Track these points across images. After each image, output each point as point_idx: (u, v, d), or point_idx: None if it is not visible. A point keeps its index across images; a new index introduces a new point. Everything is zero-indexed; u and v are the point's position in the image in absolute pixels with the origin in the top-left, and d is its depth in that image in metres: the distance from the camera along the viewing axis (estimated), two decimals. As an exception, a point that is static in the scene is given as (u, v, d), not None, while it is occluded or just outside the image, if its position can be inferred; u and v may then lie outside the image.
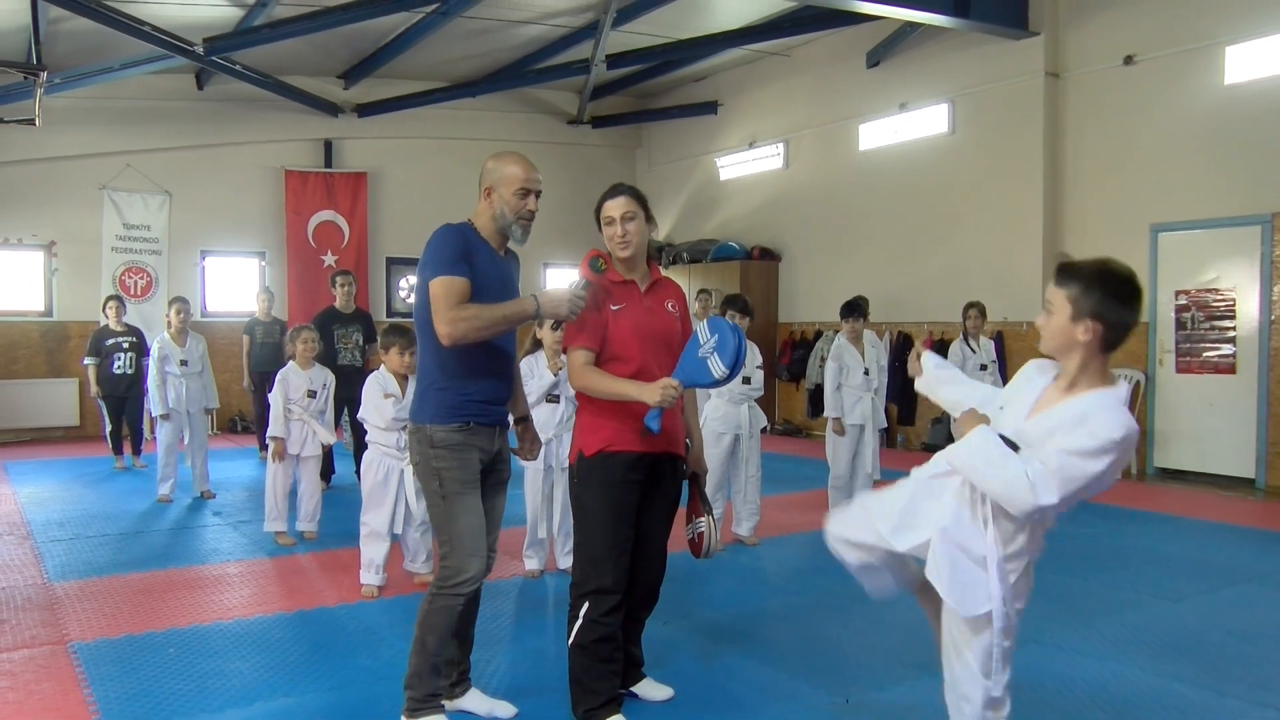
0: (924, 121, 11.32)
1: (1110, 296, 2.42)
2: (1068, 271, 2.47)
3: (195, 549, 6.37)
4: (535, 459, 3.89)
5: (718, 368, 3.20)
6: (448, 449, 3.34)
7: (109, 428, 9.71)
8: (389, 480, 5.31)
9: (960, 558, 2.57)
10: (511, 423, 3.64)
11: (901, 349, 11.36)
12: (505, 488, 3.62)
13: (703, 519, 3.56)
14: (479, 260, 3.31)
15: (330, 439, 6.88)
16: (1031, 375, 2.60)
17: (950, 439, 8.92)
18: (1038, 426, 2.44)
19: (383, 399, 5.28)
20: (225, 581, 5.54)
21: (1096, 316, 2.41)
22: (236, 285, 13.21)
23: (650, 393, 3.21)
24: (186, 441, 8.19)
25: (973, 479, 2.50)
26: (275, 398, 6.42)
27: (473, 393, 3.37)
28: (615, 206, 3.46)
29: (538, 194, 3.44)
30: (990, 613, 2.55)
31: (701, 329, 3.32)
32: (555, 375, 5.41)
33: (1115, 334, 2.43)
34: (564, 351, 3.49)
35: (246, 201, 13.12)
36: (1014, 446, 2.45)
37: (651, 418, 3.25)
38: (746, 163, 13.82)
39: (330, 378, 6.72)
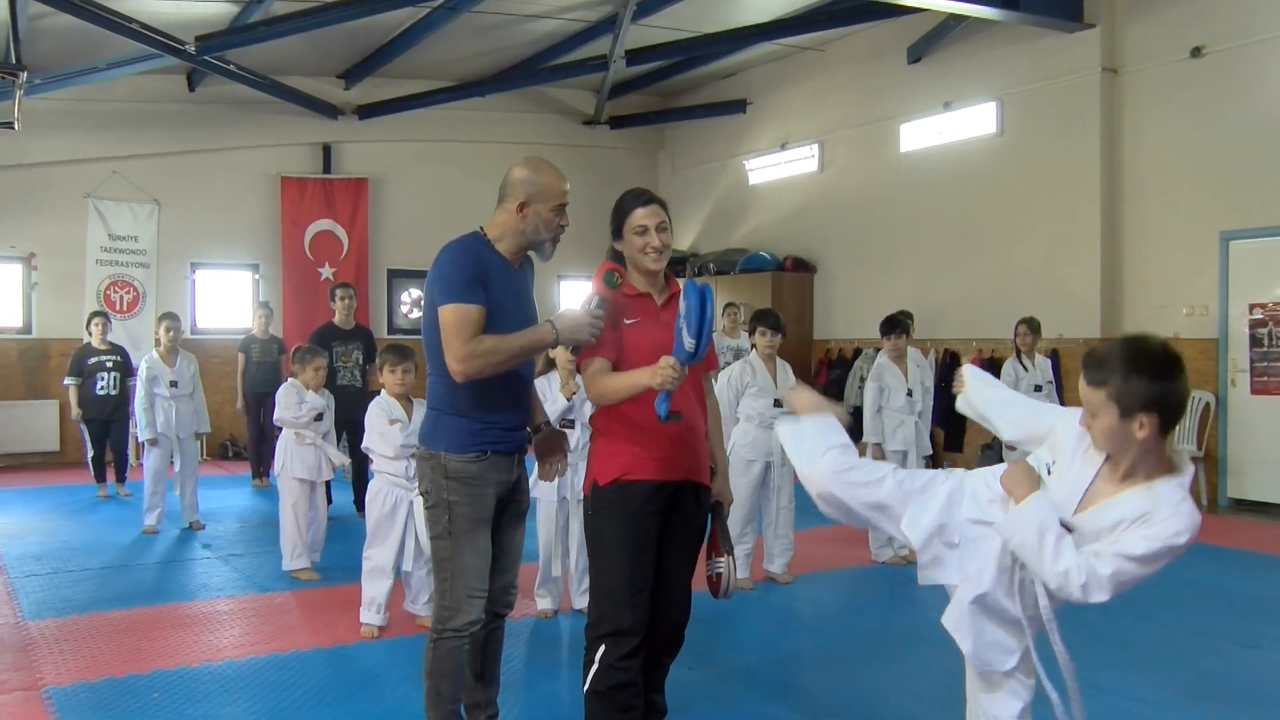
0: (970, 122, 11.31)
1: (1155, 379, 2.32)
2: (1095, 366, 2.38)
3: (183, 584, 6.41)
4: (560, 475, 3.86)
5: (686, 340, 3.16)
6: (462, 481, 3.35)
7: (91, 453, 9.79)
8: (397, 512, 5.32)
9: (986, 622, 2.60)
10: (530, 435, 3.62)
11: (948, 368, 11.29)
12: (524, 519, 3.63)
13: (722, 559, 3.54)
14: (494, 280, 3.31)
15: (343, 460, 6.93)
16: (1080, 451, 2.50)
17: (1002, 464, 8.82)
18: (1089, 523, 2.41)
19: (388, 425, 5.30)
20: (215, 620, 5.57)
21: (1148, 407, 2.32)
22: (229, 300, 13.35)
23: (651, 375, 3.21)
24: (175, 468, 8.24)
25: (1019, 556, 2.48)
26: (289, 405, 6.46)
27: (491, 420, 3.38)
28: (649, 215, 3.45)
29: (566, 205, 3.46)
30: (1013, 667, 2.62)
31: (681, 298, 3.29)
32: (569, 399, 5.42)
33: (1173, 416, 2.35)
34: (578, 371, 3.49)
35: (240, 211, 13.26)
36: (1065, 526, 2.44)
37: (659, 402, 3.25)
38: (778, 166, 13.83)
39: (330, 402, 6.76)
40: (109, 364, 9.49)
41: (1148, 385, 2.31)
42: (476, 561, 3.36)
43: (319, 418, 6.57)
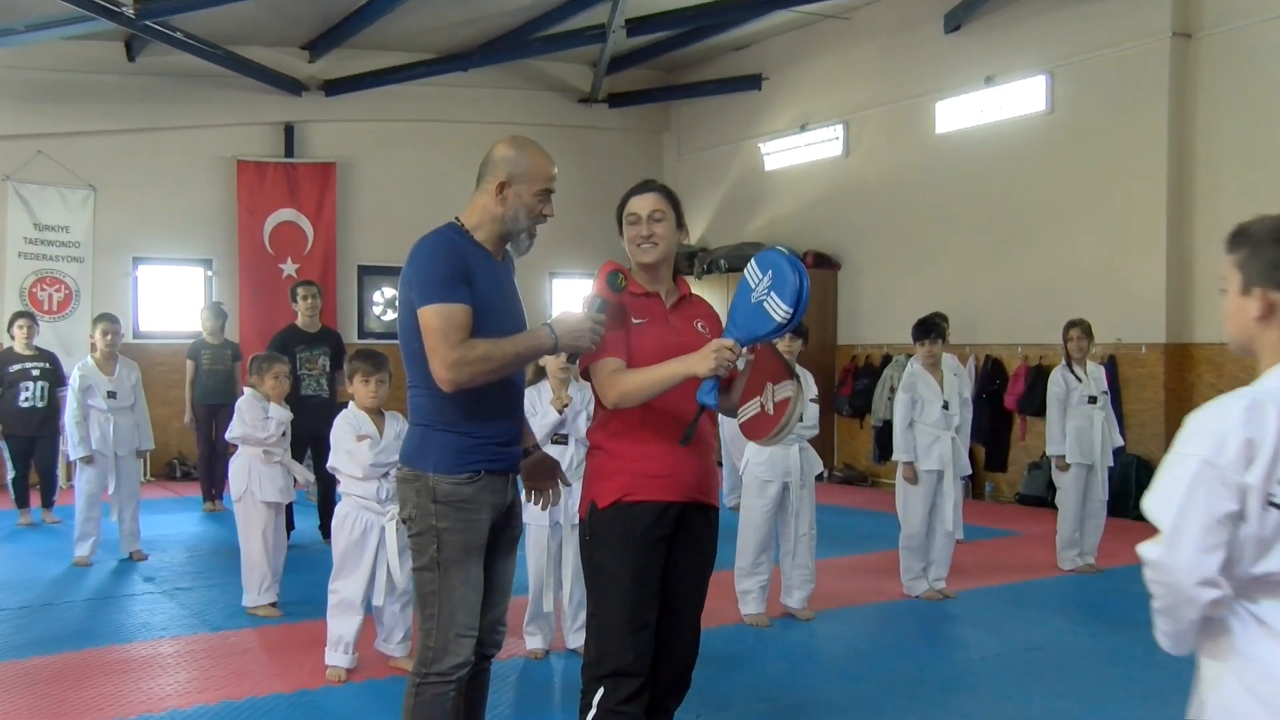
0: (1016, 98, 11.32)
1: None
2: (1240, 233, 2.29)
3: (120, 624, 6.38)
4: (553, 504, 3.87)
5: (777, 309, 3.20)
6: (454, 506, 3.33)
7: (12, 474, 9.76)
8: (366, 539, 5.32)
9: None
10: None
11: (989, 377, 11.32)
12: (517, 545, 3.64)
13: (789, 382, 3.35)
14: (478, 275, 3.32)
15: (309, 477, 6.94)
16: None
17: (1051, 487, 8.86)
18: None
19: (355, 442, 5.32)
20: (158, 664, 5.55)
21: (1271, 281, 2.19)
22: (177, 300, 13.35)
23: (701, 360, 3.23)
24: (112, 490, 8.18)
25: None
26: (254, 422, 6.48)
27: (486, 434, 3.38)
28: (642, 203, 3.51)
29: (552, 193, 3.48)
30: None
31: (751, 267, 3.34)
32: (561, 412, 5.42)
33: None
34: (583, 377, 3.50)
35: (190, 198, 13.26)
36: None
37: (706, 392, 3.26)
38: (797, 149, 13.86)
39: (288, 415, 6.77)
40: (35, 372, 9.45)
41: (1277, 254, 2.20)
42: (468, 596, 3.35)
43: (284, 432, 6.60)
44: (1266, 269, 2.19)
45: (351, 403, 5.43)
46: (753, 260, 3.38)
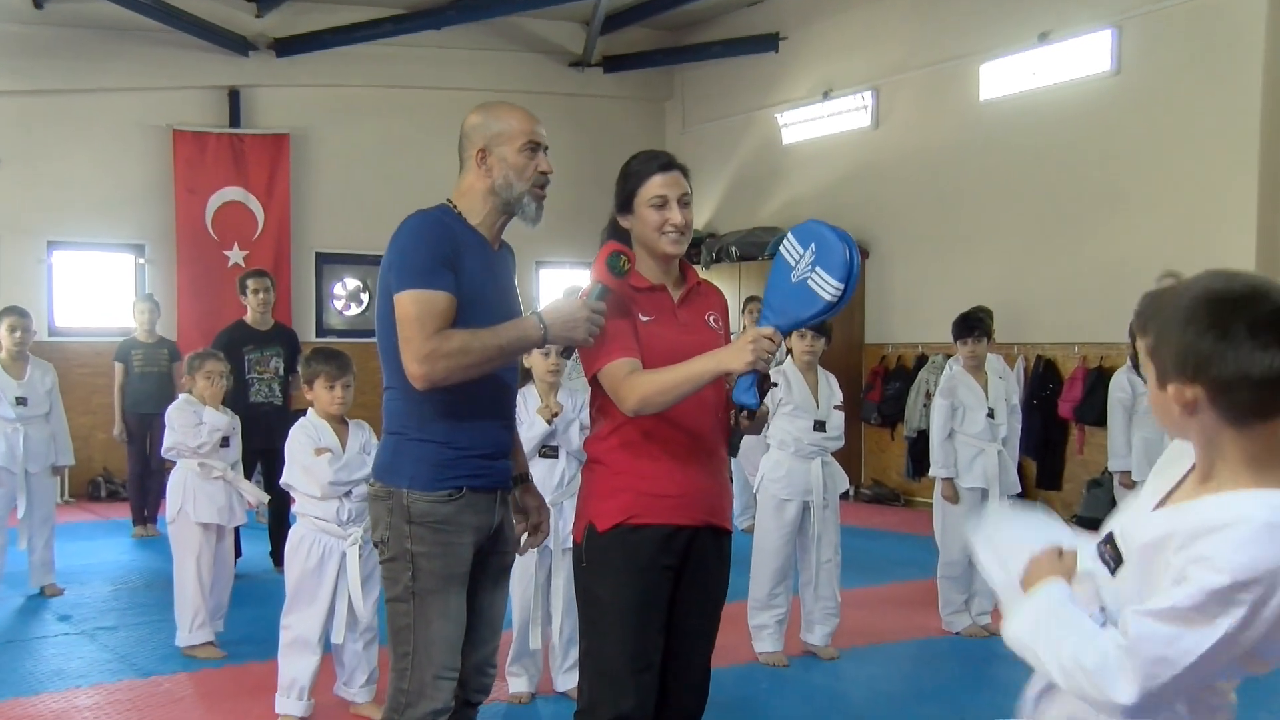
0: (1076, 57, 11.24)
1: (1207, 331, 2.00)
2: (1146, 312, 2.17)
3: (28, 672, 6.31)
4: (541, 542, 3.88)
5: (825, 285, 3.24)
6: (431, 527, 3.36)
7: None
8: (325, 566, 5.31)
9: None
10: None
11: (1041, 381, 11.31)
12: (508, 576, 3.65)
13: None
14: (467, 261, 3.36)
15: (261, 497, 6.92)
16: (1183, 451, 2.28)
17: (1114, 507, 8.77)
18: (1151, 528, 2.14)
19: (314, 455, 5.31)
20: (72, 718, 5.51)
21: (1188, 372, 2.03)
22: (102, 292, 13.32)
23: (736, 353, 3.23)
24: (21, 513, 8.04)
25: (1030, 660, 2.23)
26: (185, 428, 6.47)
27: (469, 445, 3.40)
28: (670, 184, 3.51)
29: (546, 149, 3.50)
30: None
31: (789, 243, 3.35)
32: (550, 422, 5.43)
33: (1240, 395, 1.99)
34: (590, 382, 3.50)
35: (116, 174, 13.20)
36: (1116, 559, 2.19)
37: (744, 390, 3.28)
38: (820, 120, 13.85)
39: (237, 423, 6.78)
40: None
41: (1195, 339, 2.01)
42: (447, 631, 3.37)
43: (225, 442, 6.59)
44: (1178, 360, 2.04)
45: (310, 410, 5.43)
46: (789, 234, 3.39)
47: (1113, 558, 2.17)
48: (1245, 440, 2.04)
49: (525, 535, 3.79)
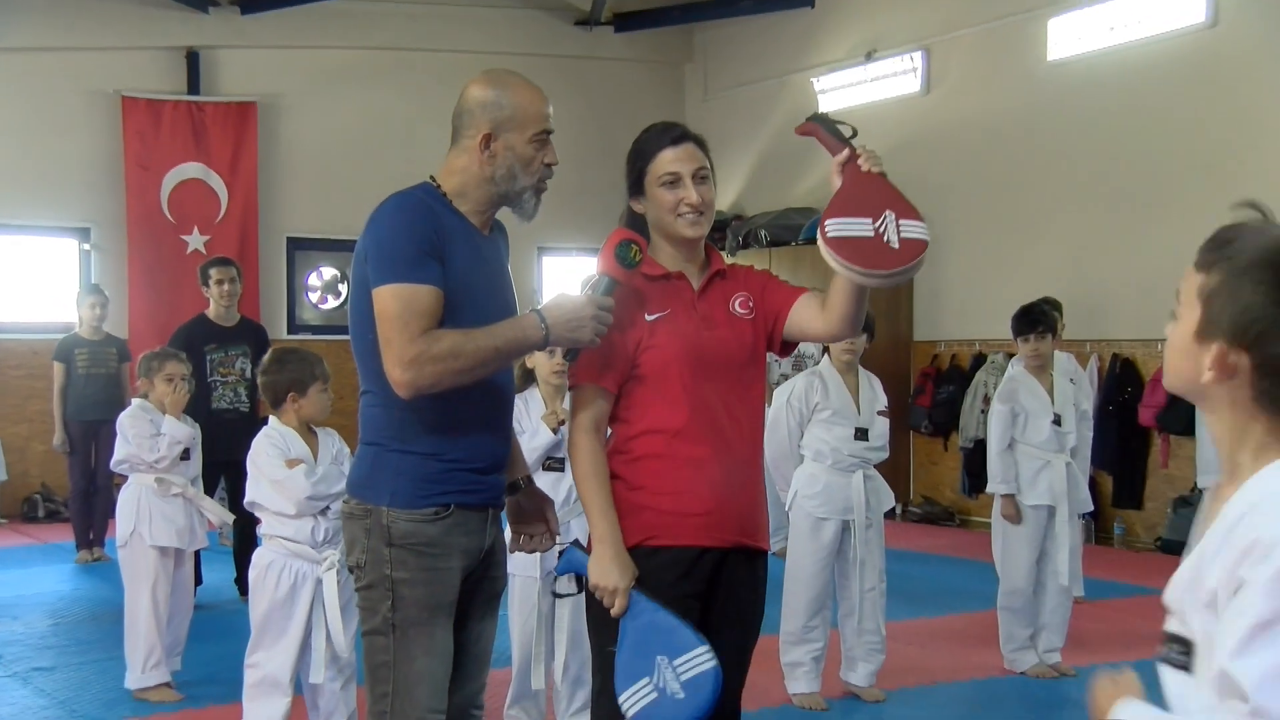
0: (1162, 8, 11.20)
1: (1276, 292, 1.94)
2: (1220, 244, 2.09)
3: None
4: (544, 549, 3.88)
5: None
6: (414, 550, 3.35)
7: None
8: (297, 596, 5.29)
9: None
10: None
11: (1118, 383, 11.27)
12: (498, 604, 3.67)
13: (919, 224, 3.43)
14: (456, 248, 3.37)
15: (225, 517, 6.91)
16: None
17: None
18: (1187, 573, 2.03)
19: (283, 467, 5.32)
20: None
21: (1242, 337, 1.96)
22: (40, 282, 13.30)
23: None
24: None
25: None
26: (140, 438, 6.48)
27: (458, 457, 3.41)
28: (683, 158, 3.53)
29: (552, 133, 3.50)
30: None
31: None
32: (556, 430, 5.43)
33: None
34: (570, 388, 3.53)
35: (57, 147, 13.17)
36: (1183, 650, 2.04)
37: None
38: (862, 85, 13.85)
39: (198, 432, 6.80)
40: None
41: (1265, 301, 1.95)
42: (432, 667, 3.38)
43: (184, 455, 6.59)
44: (1236, 318, 1.96)
45: (271, 418, 5.41)
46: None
47: (1179, 652, 2.03)
48: (1277, 428, 1.98)
49: (523, 539, 3.79)
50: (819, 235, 3.36)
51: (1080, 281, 11.48)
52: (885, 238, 3.33)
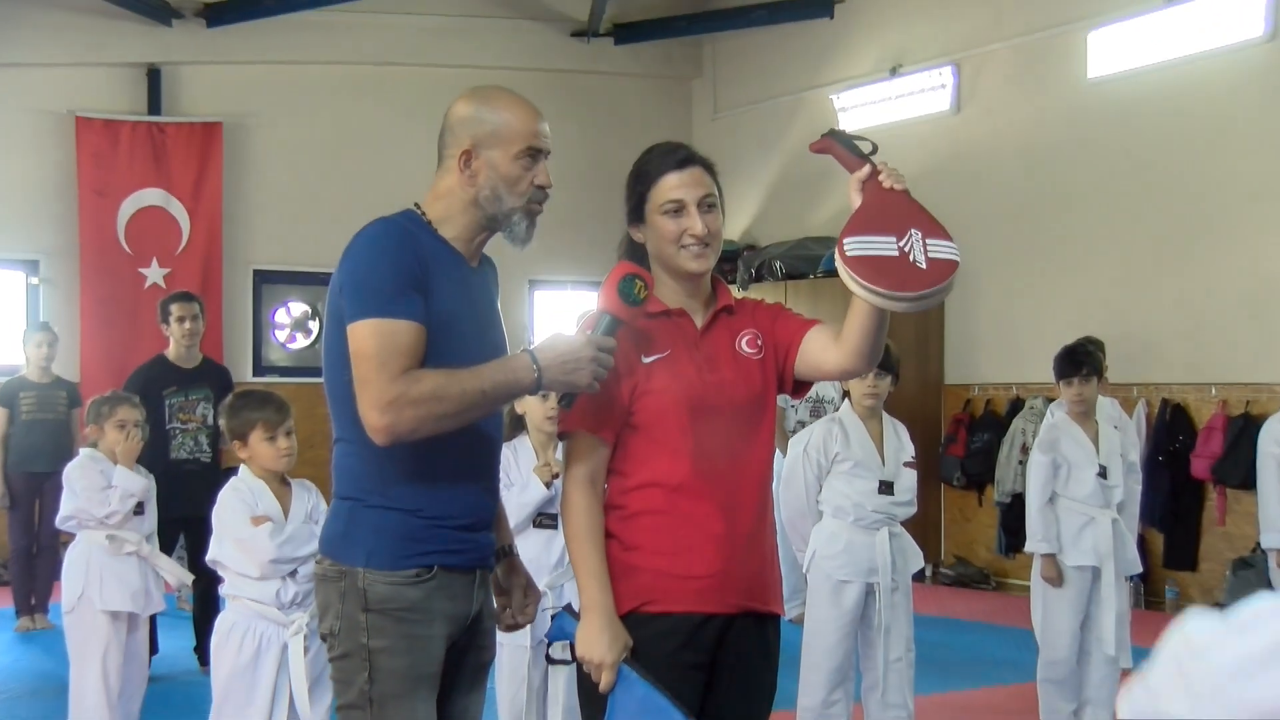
0: (1215, 21, 11.22)
1: None
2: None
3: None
4: (527, 622, 3.89)
5: None
6: (394, 616, 3.35)
7: None
8: (262, 663, 5.28)
9: None
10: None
11: (1169, 432, 11.26)
12: (486, 675, 3.67)
13: (948, 245, 3.46)
14: (440, 280, 3.36)
15: (184, 578, 6.89)
16: None
17: (1270, 586, 8.67)
18: None
19: (249, 524, 5.31)
20: None
21: None
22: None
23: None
24: None
25: None
26: (88, 491, 6.45)
27: (440, 513, 3.40)
28: (687, 183, 3.52)
29: (547, 155, 3.50)
30: None
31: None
32: (550, 484, 5.42)
33: None
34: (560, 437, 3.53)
35: (3, 171, 13.16)
36: None
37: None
38: (887, 103, 13.89)
39: (153, 486, 6.77)
40: None
41: None
42: None
43: (139, 509, 6.57)
44: None
45: (242, 468, 5.42)
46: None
47: None
48: None
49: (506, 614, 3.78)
50: (837, 255, 3.34)
51: (1125, 319, 11.49)
52: (911, 257, 3.33)
